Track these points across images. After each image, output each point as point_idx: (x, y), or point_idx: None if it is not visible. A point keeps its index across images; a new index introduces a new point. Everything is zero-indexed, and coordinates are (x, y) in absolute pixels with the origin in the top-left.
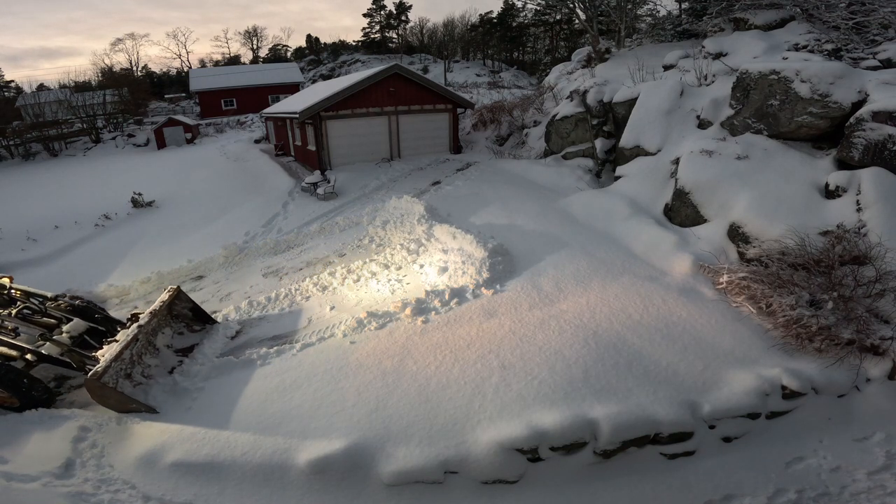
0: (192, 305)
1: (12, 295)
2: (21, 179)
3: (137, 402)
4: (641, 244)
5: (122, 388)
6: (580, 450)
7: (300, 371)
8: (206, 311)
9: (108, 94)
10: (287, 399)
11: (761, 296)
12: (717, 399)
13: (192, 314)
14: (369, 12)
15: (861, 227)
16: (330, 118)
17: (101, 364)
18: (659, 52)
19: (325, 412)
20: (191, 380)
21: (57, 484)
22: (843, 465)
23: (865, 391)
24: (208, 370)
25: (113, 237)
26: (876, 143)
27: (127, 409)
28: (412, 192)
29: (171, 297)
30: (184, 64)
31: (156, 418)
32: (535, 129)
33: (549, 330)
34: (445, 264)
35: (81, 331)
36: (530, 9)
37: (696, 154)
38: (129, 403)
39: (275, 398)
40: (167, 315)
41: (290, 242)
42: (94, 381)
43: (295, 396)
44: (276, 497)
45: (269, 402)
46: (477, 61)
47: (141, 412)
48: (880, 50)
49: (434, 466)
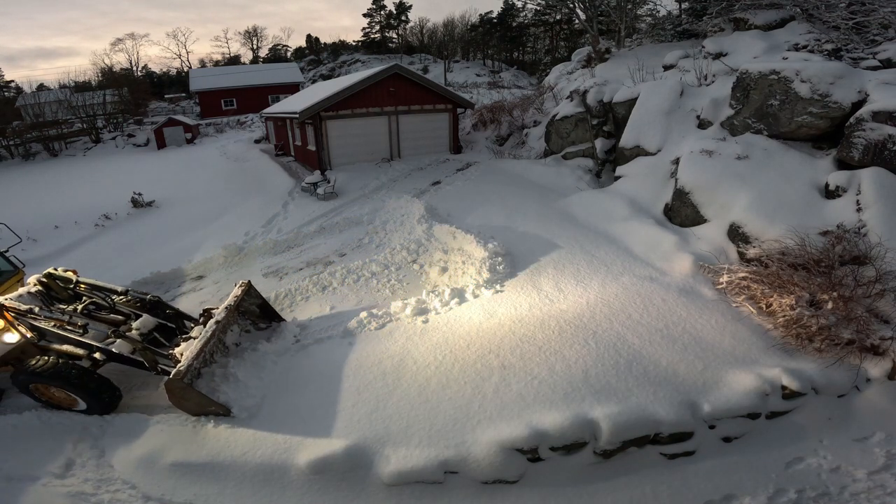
0: (260, 301)
1: (78, 290)
2: (21, 179)
3: (216, 403)
4: (641, 244)
5: (199, 389)
6: (580, 450)
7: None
8: (275, 309)
9: (108, 94)
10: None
11: (761, 296)
12: (717, 399)
13: (259, 311)
14: (369, 12)
15: (861, 227)
16: (330, 118)
17: (184, 363)
18: (659, 52)
19: (322, 413)
20: (261, 380)
21: (57, 484)
22: (843, 465)
23: (865, 391)
24: (279, 371)
25: (113, 237)
26: (876, 143)
27: (203, 412)
28: (412, 192)
29: (244, 291)
30: (184, 64)
31: (233, 421)
32: (535, 129)
33: (549, 330)
34: (445, 264)
35: (151, 327)
36: (530, 9)
37: (696, 154)
38: (207, 405)
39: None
40: (235, 311)
41: (290, 242)
42: (178, 381)
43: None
44: (276, 497)
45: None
46: (477, 61)
47: (218, 414)
48: (880, 50)
49: (434, 466)
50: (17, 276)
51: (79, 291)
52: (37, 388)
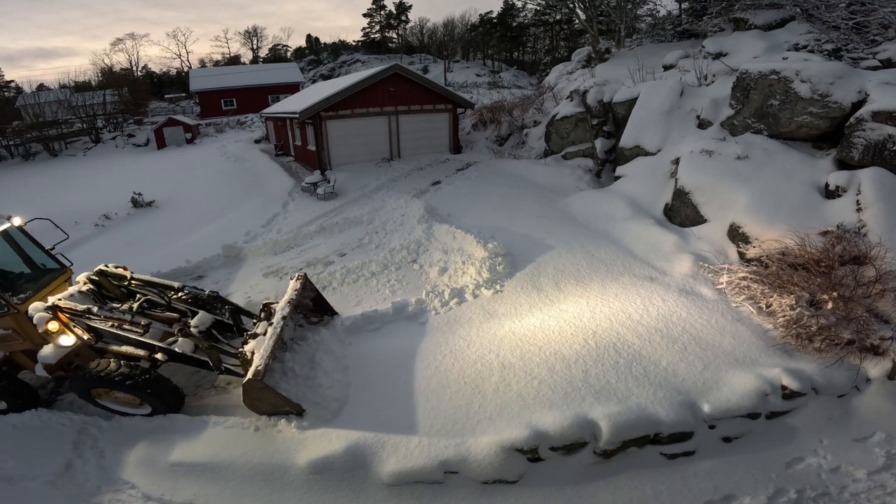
0: (314, 295)
1: (130, 287)
2: (21, 179)
3: (291, 402)
4: (641, 244)
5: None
6: (580, 450)
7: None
8: (328, 302)
9: (108, 94)
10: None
11: (761, 296)
12: (717, 399)
13: (312, 304)
14: (369, 12)
15: (861, 227)
16: (330, 118)
17: (260, 362)
18: (659, 52)
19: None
20: (328, 377)
21: (57, 484)
22: (843, 465)
23: (865, 391)
24: (344, 366)
25: (113, 237)
26: (876, 143)
27: (275, 412)
28: (412, 192)
29: (302, 285)
30: (184, 64)
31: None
32: (535, 129)
33: (548, 330)
34: (445, 264)
35: (209, 325)
36: (530, 9)
37: (696, 154)
38: (281, 405)
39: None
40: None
41: (290, 242)
42: (257, 381)
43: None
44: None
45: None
46: (477, 61)
47: (290, 414)
48: (880, 50)
49: (434, 466)
50: (65, 275)
51: (131, 288)
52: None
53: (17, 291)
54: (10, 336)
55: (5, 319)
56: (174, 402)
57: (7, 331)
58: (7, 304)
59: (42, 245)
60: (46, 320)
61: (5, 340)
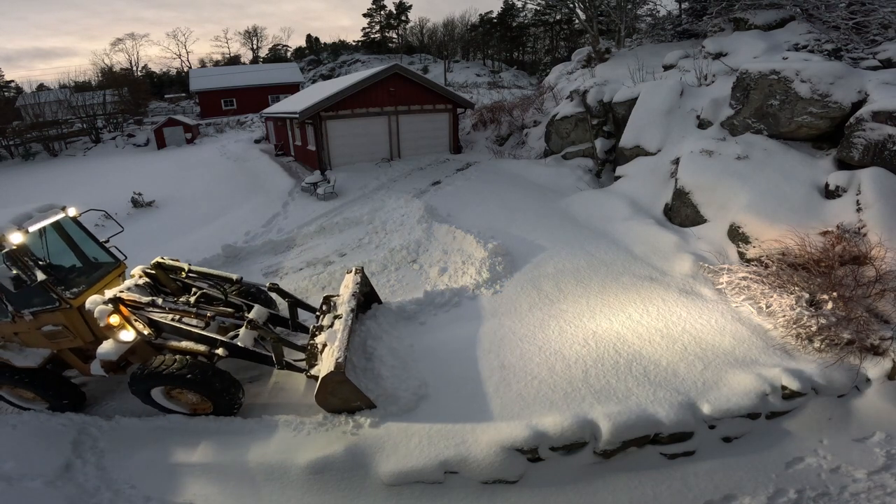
0: (368, 290)
1: (185, 280)
2: (21, 179)
3: (365, 396)
4: (641, 244)
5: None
6: (580, 450)
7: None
8: (377, 292)
9: (107, 94)
10: None
11: (761, 296)
12: (717, 399)
13: (364, 298)
14: (369, 12)
15: (861, 227)
16: (330, 118)
17: (339, 354)
18: (659, 52)
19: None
20: (386, 367)
21: (57, 484)
22: (843, 465)
23: (865, 391)
24: (399, 356)
25: (112, 237)
26: (876, 143)
27: (347, 407)
28: (412, 192)
29: (361, 278)
30: (184, 64)
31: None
32: (535, 129)
33: (548, 330)
34: (445, 264)
35: (265, 319)
36: (530, 9)
37: (696, 154)
38: (354, 400)
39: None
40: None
41: (290, 242)
42: (339, 374)
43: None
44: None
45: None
46: (477, 61)
47: (360, 408)
48: (880, 50)
49: (434, 466)
50: (119, 269)
51: (186, 282)
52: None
53: (70, 285)
54: (59, 333)
55: (56, 315)
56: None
57: (57, 327)
58: (59, 299)
59: (96, 237)
60: (108, 313)
61: (54, 337)
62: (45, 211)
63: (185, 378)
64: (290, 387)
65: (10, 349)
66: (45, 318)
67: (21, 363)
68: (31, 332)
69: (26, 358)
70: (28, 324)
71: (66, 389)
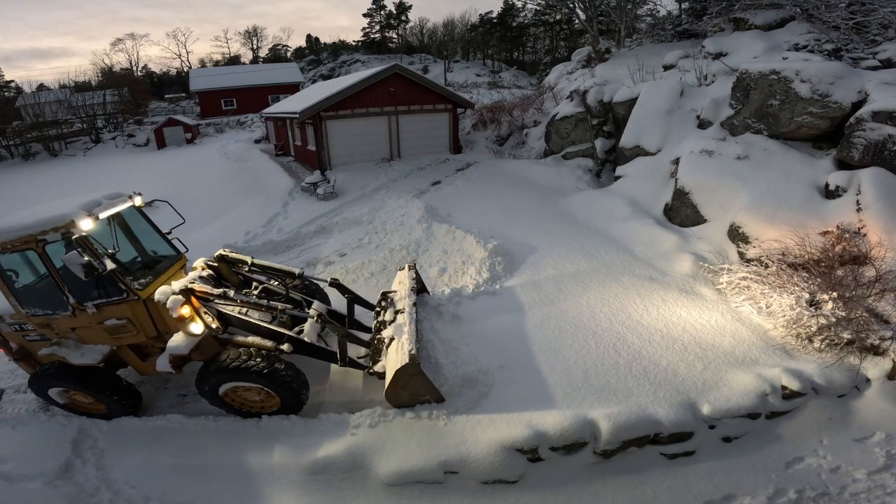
0: (420, 286)
1: (246, 274)
2: (21, 179)
3: (435, 390)
4: (641, 244)
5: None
6: (580, 450)
7: None
8: (425, 284)
9: (107, 94)
10: None
11: (761, 296)
12: (717, 399)
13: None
14: (369, 12)
15: (861, 227)
16: (330, 118)
17: (412, 346)
18: (659, 52)
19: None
20: (447, 359)
21: (57, 484)
22: (843, 465)
23: (865, 391)
24: (453, 347)
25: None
26: (876, 143)
27: (416, 401)
28: (412, 192)
29: (416, 273)
30: (184, 64)
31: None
32: (535, 129)
33: (548, 330)
34: (445, 264)
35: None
36: (530, 9)
37: (696, 154)
38: (423, 394)
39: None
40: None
41: (290, 242)
42: (414, 365)
43: None
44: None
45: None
46: (477, 61)
47: (428, 402)
48: (880, 50)
49: (434, 466)
50: (180, 262)
51: (246, 275)
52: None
53: (136, 277)
54: (122, 327)
55: (122, 308)
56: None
57: (121, 321)
58: (128, 290)
59: (159, 228)
60: (181, 303)
61: (116, 332)
62: (113, 198)
63: (266, 373)
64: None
65: (66, 346)
66: (109, 312)
67: (78, 361)
68: (92, 327)
69: (84, 355)
70: (90, 317)
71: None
